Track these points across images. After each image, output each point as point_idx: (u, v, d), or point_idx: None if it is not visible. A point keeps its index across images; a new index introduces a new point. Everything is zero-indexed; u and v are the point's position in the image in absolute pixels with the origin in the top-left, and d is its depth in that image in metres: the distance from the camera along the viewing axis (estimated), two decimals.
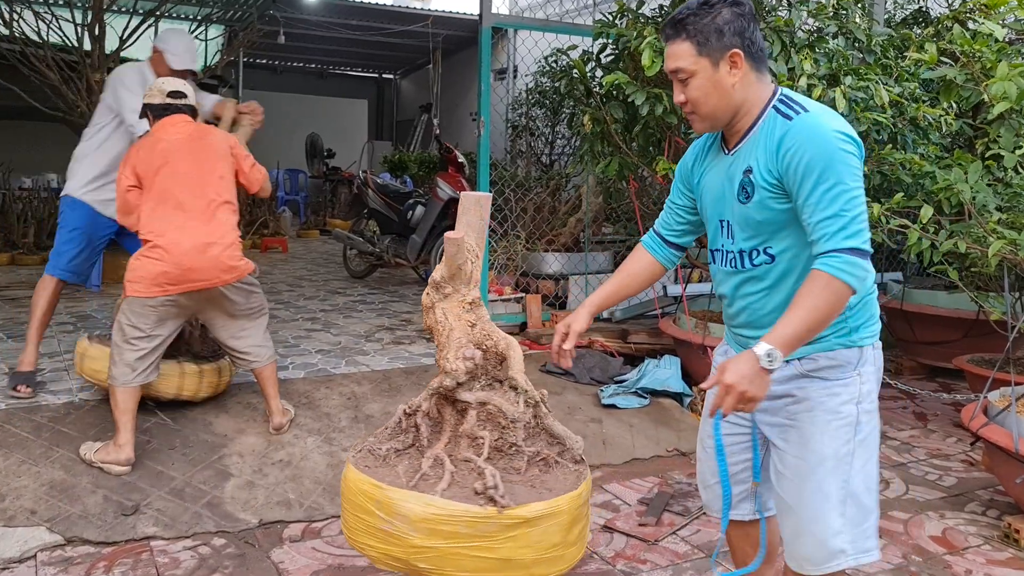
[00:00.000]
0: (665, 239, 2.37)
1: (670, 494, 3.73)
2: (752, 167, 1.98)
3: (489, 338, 2.27)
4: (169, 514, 3.33)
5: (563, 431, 2.20)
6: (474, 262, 2.30)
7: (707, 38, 1.96)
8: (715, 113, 2.02)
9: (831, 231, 1.82)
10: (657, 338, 5.41)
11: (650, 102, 3.98)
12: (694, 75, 1.99)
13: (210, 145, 3.78)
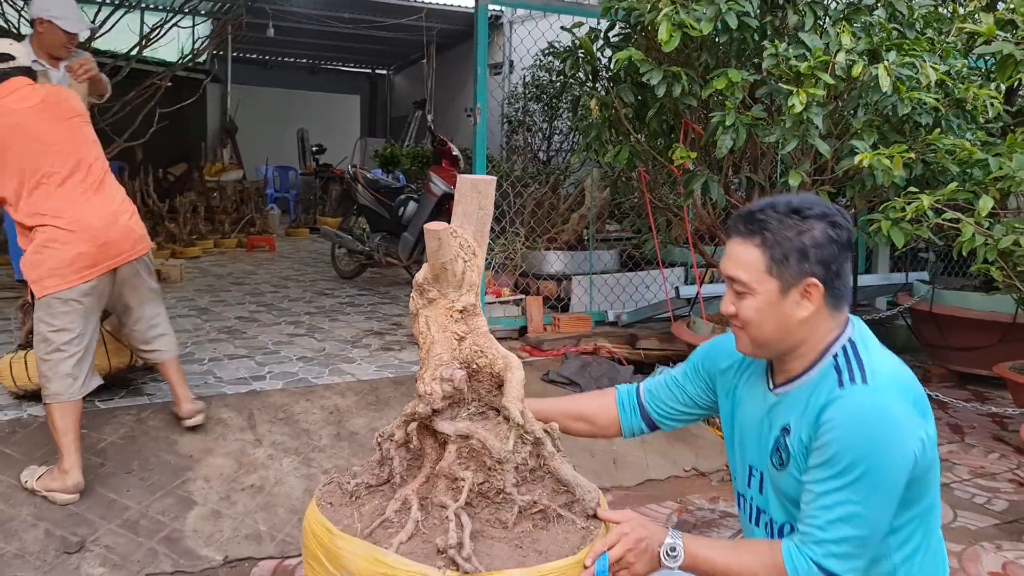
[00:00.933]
0: (645, 410, 1.98)
1: (692, 524, 3.31)
2: (791, 427, 1.63)
3: (482, 355, 1.84)
4: (120, 551, 2.90)
5: (573, 476, 1.76)
6: (468, 260, 1.86)
7: (786, 255, 1.58)
8: (767, 343, 1.65)
9: (820, 536, 1.53)
10: (669, 344, 4.98)
11: (667, 82, 3.55)
12: (753, 294, 1.60)
13: (71, 108, 3.35)
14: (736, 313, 1.65)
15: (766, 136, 3.45)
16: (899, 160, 3.22)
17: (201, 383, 4.19)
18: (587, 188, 5.90)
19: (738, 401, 1.81)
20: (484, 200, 1.85)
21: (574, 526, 1.70)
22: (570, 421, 2.01)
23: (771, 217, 1.59)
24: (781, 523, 1.70)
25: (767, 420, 1.71)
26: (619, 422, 2.00)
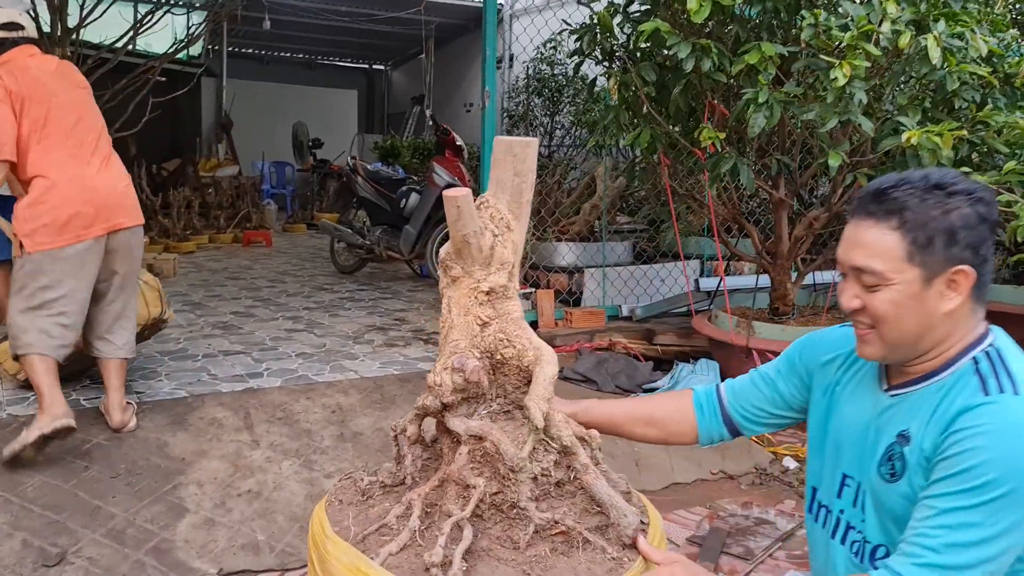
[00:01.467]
0: (727, 413, 1.72)
1: (726, 531, 3.06)
2: (911, 433, 1.37)
3: (509, 344, 1.58)
4: (104, 563, 2.64)
5: (609, 496, 1.48)
6: (499, 234, 1.61)
7: (930, 239, 1.32)
8: (902, 343, 1.38)
9: (929, 559, 1.25)
10: (687, 339, 4.74)
11: (695, 56, 3.30)
12: (890, 286, 1.34)
13: (80, 81, 3.43)
14: (864, 308, 1.38)
15: (803, 113, 3.21)
16: (949, 138, 2.97)
17: (195, 380, 3.94)
18: (599, 177, 5.65)
19: (837, 400, 1.55)
20: (520, 165, 1.60)
21: (603, 555, 1.42)
22: (638, 426, 1.75)
23: (909, 194, 1.33)
24: (876, 544, 1.44)
25: (875, 424, 1.45)
26: (696, 427, 1.74)
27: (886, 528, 1.41)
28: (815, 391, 1.61)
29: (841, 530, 1.51)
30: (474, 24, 14.11)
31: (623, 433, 1.76)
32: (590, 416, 1.72)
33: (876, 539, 1.43)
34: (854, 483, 1.48)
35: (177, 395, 3.70)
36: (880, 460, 1.41)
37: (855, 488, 1.48)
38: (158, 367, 4.08)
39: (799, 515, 3.25)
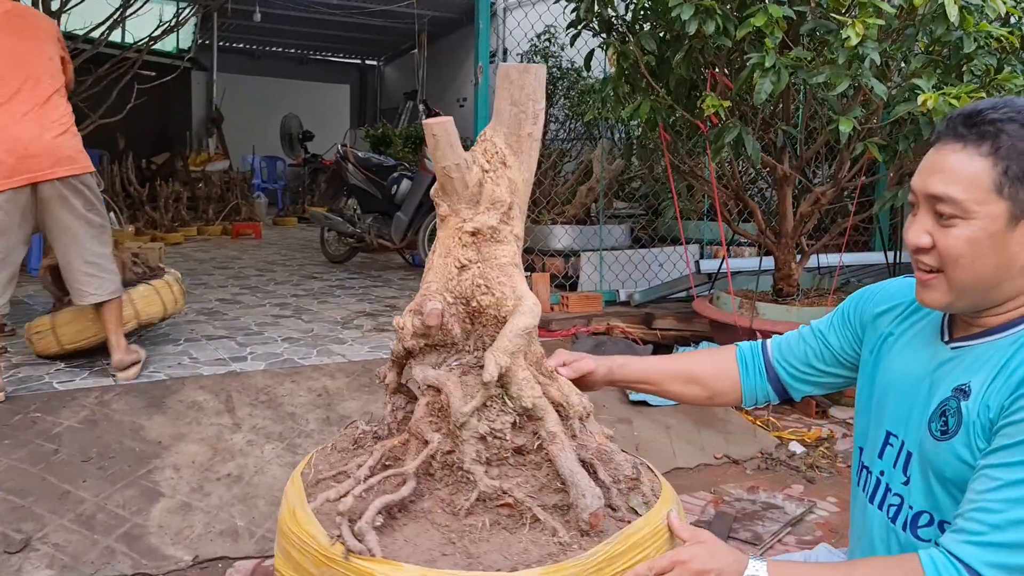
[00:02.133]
0: (773, 370, 1.56)
1: (732, 515, 2.90)
2: (970, 389, 1.19)
3: (487, 291, 1.40)
4: (71, 550, 2.47)
5: (572, 473, 1.27)
6: (492, 170, 1.45)
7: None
8: (972, 289, 1.19)
9: (991, 538, 1.09)
10: (686, 323, 4.58)
11: (699, 18, 3.14)
12: (968, 219, 1.15)
13: (34, 24, 3.39)
14: (933, 246, 1.19)
15: (812, 77, 3.05)
16: (967, 101, 2.82)
17: (175, 364, 3.77)
18: (595, 159, 5.49)
19: (887, 352, 1.38)
20: (518, 93, 1.43)
21: (549, 537, 1.23)
22: (677, 384, 1.58)
23: (1009, 118, 1.14)
24: (919, 510, 1.26)
25: (930, 378, 1.27)
26: (740, 385, 1.57)
27: (932, 493, 1.24)
28: (866, 346, 1.44)
29: (880, 493, 1.34)
30: (467, 18, 13.94)
31: (661, 391, 1.60)
32: (625, 372, 1.57)
33: (920, 505, 1.26)
34: (897, 442, 1.31)
35: (155, 378, 3.53)
36: (932, 415, 1.24)
37: (898, 447, 1.31)
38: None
39: (808, 500, 3.10)
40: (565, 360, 1.52)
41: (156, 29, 7.43)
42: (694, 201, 5.49)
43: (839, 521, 2.95)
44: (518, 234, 1.47)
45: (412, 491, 1.28)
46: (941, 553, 1.11)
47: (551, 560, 1.18)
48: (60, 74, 3.40)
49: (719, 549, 1.21)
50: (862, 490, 1.40)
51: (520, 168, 1.46)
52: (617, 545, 1.20)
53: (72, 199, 3.32)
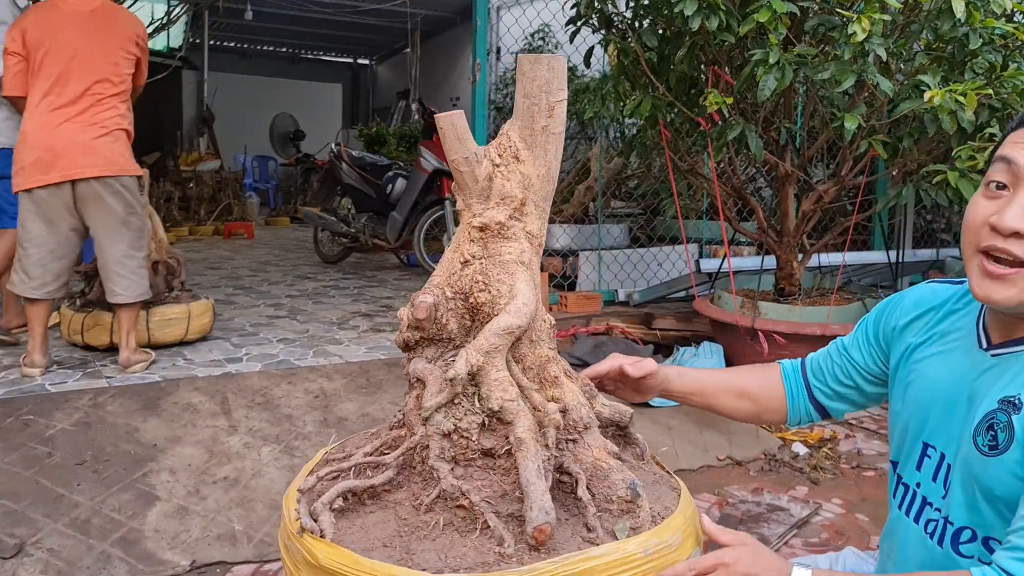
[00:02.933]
0: (810, 389, 1.53)
1: (737, 518, 2.87)
2: (1021, 400, 1.12)
3: (485, 288, 1.36)
4: (66, 555, 2.41)
5: (527, 486, 1.19)
6: (503, 164, 1.41)
7: None
8: None
9: None
10: (687, 323, 4.54)
11: (702, 14, 3.11)
12: None
13: (114, 24, 3.50)
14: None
15: (816, 74, 3.02)
16: (973, 98, 2.80)
17: (169, 365, 3.71)
18: (593, 158, 5.45)
19: (920, 362, 1.33)
20: (529, 85, 1.38)
21: (495, 546, 1.17)
22: (729, 398, 1.55)
23: None
24: (960, 526, 1.21)
25: (971, 388, 1.21)
26: (786, 403, 1.55)
27: (976, 508, 1.18)
28: (892, 359, 1.40)
29: (916, 506, 1.29)
30: (460, 17, 13.91)
31: (713, 404, 1.56)
32: (682, 381, 1.54)
33: (961, 520, 1.20)
34: (936, 454, 1.26)
35: (149, 379, 3.47)
36: (977, 429, 1.17)
37: (937, 460, 1.26)
38: None
39: (813, 501, 3.06)
40: (623, 362, 1.49)
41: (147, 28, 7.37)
42: (694, 200, 5.46)
43: (845, 523, 2.91)
44: (532, 231, 1.42)
45: (388, 480, 1.29)
46: (993, 570, 1.05)
47: (481, 569, 1.13)
48: (126, 78, 3.54)
49: (763, 553, 1.16)
50: (898, 505, 1.34)
51: (535, 163, 1.41)
52: (563, 567, 1.12)
53: (109, 199, 3.46)
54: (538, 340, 1.40)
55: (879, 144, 3.21)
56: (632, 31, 3.78)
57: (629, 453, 1.44)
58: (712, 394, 1.54)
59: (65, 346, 3.95)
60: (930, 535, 1.26)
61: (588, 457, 1.30)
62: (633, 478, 1.27)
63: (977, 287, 1.17)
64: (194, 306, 4.01)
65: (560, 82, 1.38)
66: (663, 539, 1.20)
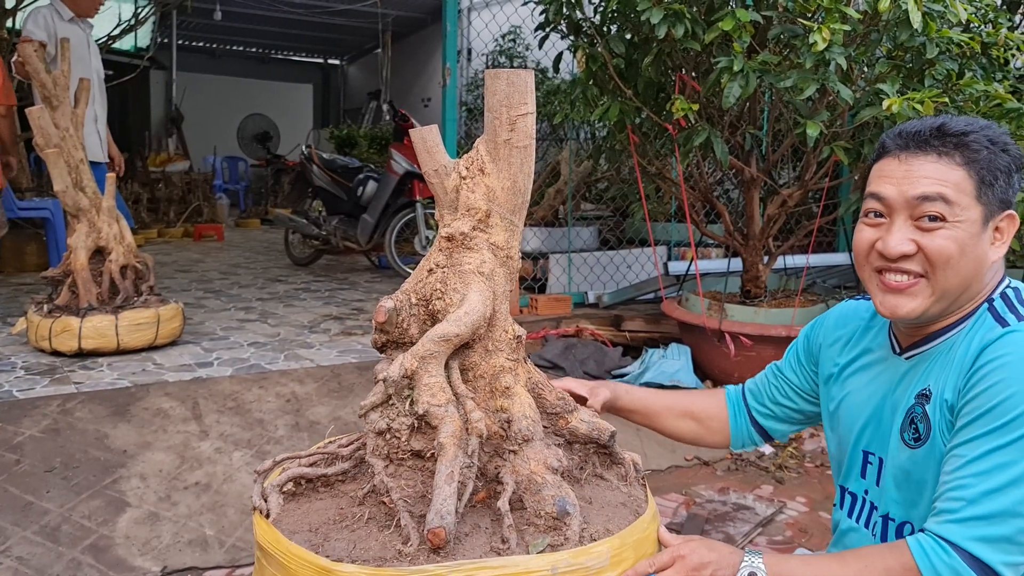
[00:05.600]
0: (750, 411, 1.61)
1: (704, 517, 2.92)
2: (931, 390, 1.23)
3: (441, 296, 1.41)
4: (35, 563, 2.41)
5: (438, 492, 1.21)
6: (469, 177, 1.45)
7: (995, 178, 1.21)
8: (952, 290, 1.23)
9: (968, 513, 1.11)
10: (655, 325, 4.60)
11: (668, 22, 3.16)
12: (955, 223, 1.20)
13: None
14: (918, 251, 1.22)
15: (779, 81, 3.08)
16: (930, 106, 2.87)
17: (139, 370, 3.69)
18: (563, 162, 5.50)
19: (849, 379, 1.43)
20: (492, 99, 1.41)
21: (396, 541, 1.22)
22: (672, 417, 1.62)
23: (975, 132, 1.22)
24: (901, 521, 1.30)
25: (895, 392, 1.32)
26: (729, 427, 1.62)
27: (912, 502, 1.27)
28: (820, 377, 1.50)
29: (865, 513, 1.38)
30: (431, 18, 13.89)
31: (657, 423, 1.63)
32: (631, 398, 1.61)
33: (901, 516, 1.30)
34: (876, 459, 1.35)
35: (119, 385, 3.46)
36: (902, 426, 1.27)
37: (878, 464, 1.35)
38: (98, 356, 3.84)
39: (778, 500, 3.13)
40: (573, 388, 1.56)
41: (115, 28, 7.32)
42: (662, 203, 5.52)
43: (808, 521, 2.98)
44: (496, 243, 1.45)
45: (342, 472, 1.39)
46: (927, 536, 1.14)
47: (376, 564, 1.18)
48: None
49: (715, 545, 1.23)
50: (847, 515, 1.42)
51: (499, 176, 1.44)
52: (454, 571, 1.15)
53: None
54: (495, 350, 1.43)
55: (841, 150, 3.28)
56: (600, 37, 3.82)
57: (613, 473, 1.45)
58: (655, 413, 1.61)
59: (32, 352, 3.92)
60: (871, 529, 1.35)
61: (525, 470, 1.31)
62: (564, 496, 1.27)
63: (881, 304, 1.28)
64: (163, 310, 3.99)
65: (521, 96, 1.39)
66: (580, 561, 1.20)
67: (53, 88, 3.90)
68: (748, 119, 3.87)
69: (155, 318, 3.93)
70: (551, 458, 1.33)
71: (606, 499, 1.38)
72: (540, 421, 1.38)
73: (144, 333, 3.91)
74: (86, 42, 4.82)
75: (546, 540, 1.24)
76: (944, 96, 2.92)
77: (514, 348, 1.45)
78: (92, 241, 3.91)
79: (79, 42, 4.64)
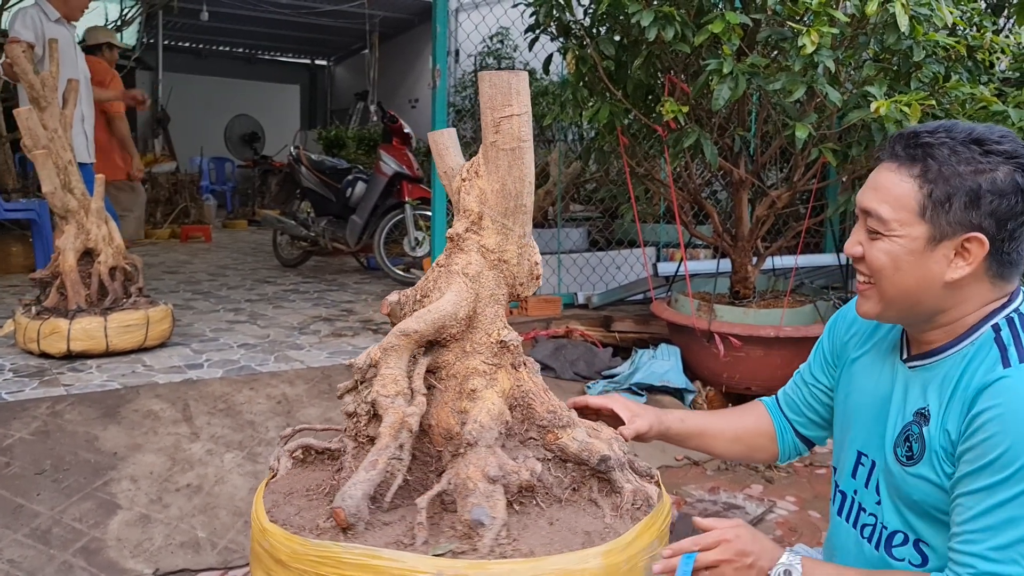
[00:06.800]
0: (792, 423, 1.61)
1: (695, 516, 2.93)
2: (929, 412, 1.23)
3: (429, 294, 1.48)
4: (27, 566, 2.40)
5: (354, 476, 1.29)
6: (468, 179, 1.48)
7: (948, 196, 1.18)
8: (896, 301, 1.25)
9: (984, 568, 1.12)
10: (645, 325, 4.62)
11: (658, 24, 3.18)
12: (890, 237, 1.21)
13: None
14: (863, 256, 1.26)
15: (768, 84, 3.10)
16: (917, 108, 2.90)
17: (128, 372, 3.68)
18: (552, 163, 5.51)
19: (856, 374, 1.43)
20: (481, 103, 1.42)
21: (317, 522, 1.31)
22: (727, 442, 1.62)
23: (943, 142, 1.19)
24: (893, 530, 1.31)
25: (893, 398, 1.32)
26: (776, 442, 1.62)
27: (903, 515, 1.29)
28: (840, 373, 1.50)
29: (854, 512, 1.39)
30: (419, 19, 13.88)
31: (710, 446, 1.63)
32: (684, 426, 1.60)
33: (893, 525, 1.31)
34: (868, 461, 1.36)
35: (109, 387, 3.45)
36: (896, 440, 1.28)
37: (869, 467, 1.36)
38: (88, 358, 3.82)
39: (768, 499, 3.15)
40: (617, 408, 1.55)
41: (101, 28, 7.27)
42: (651, 204, 5.54)
43: (798, 520, 3.00)
44: (487, 245, 1.46)
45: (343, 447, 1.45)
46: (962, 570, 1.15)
47: (293, 530, 1.28)
48: None
49: (759, 535, 1.26)
50: (838, 511, 1.44)
51: (489, 178, 1.44)
52: (345, 552, 1.20)
53: None
54: (472, 352, 1.44)
55: (829, 152, 3.31)
56: (590, 39, 3.84)
57: (608, 501, 1.41)
58: (711, 439, 1.61)
59: (21, 354, 3.90)
60: (867, 539, 1.35)
61: (463, 473, 1.32)
62: (483, 507, 1.26)
63: (855, 303, 1.33)
64: (152, 312, 3.98)
65: (505, 97, 1.37)
66: (470, 574, 1.19)
67: (41, 89, 3.88)
68: (737, 121, 3.89)
69: (144, 320, 3.92)
70: (491, 467, 1.32)
71: (574, 524, 1.34)
72: (495, 428, 1.36)
73: (133, 335, 3.89)
74: (72, 43, 4.81)
75: (449, 546, 1.24)
76: (931, 99, 2.95)
77: (495, 353, 1.44)
78: (81, 242, 3.89)
79: (66, 43, 4.63)
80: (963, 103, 3.19)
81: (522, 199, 1.44)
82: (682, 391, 3.94)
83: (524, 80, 1.39)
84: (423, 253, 6.08)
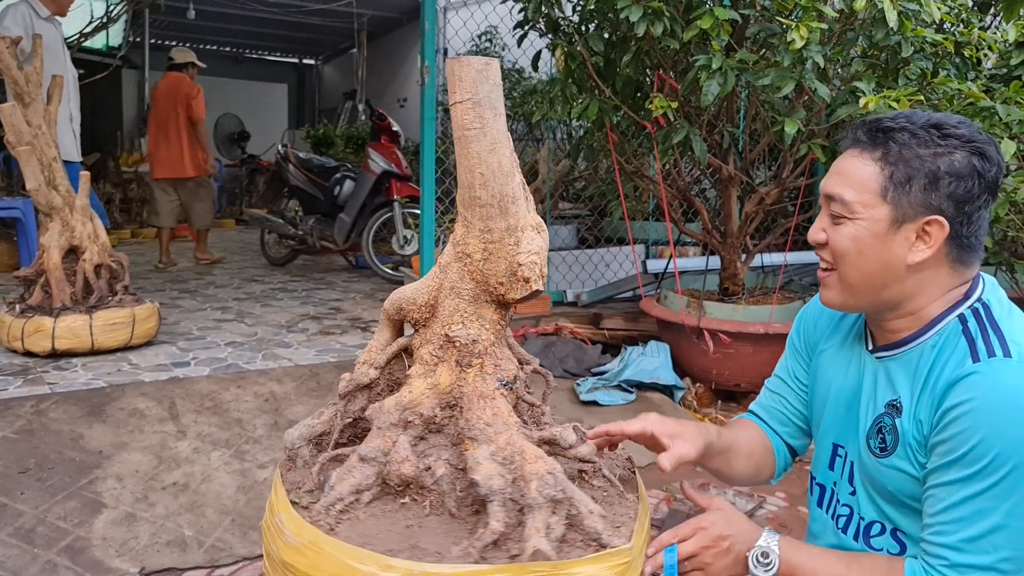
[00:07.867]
0: (778, 433, 1.58)
1: (685, 513, 2.93)
2: (902, 403, 1.24)
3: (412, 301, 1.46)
4: (10, 565, 2.37)
5: None
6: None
7: (909, 178, 1.20)
8: (860, 288, 1.26)
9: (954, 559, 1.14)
10: (634, 323, 4.62)
11: (647, 20, 3.17)
12: (854, 220, 1.23)
13: None
14: (827, 242, 1.27)
15: (757, 80, 3.10)
16: (905, 104, 2.90)
17: (114, 370, 3.65)
18: (541, 160, 5.50)
19: (824, 367, 1.44)
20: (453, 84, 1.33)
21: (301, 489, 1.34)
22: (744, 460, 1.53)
23: (903, 127, 1.22)
24: (870, 521, 1.32)
25: (863, 389, 1.33)
26: (774, 453, 1.57)
27: (878, 505, 1.30)
28: (812, 363, 1.50)
29: (832, 504, 1.40)
30: (407, 18, 13.86)
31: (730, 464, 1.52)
32: (722, 440, 1.48)
33: (870, 516, 1.32)
34: (843, 452, 1.37)
35: (94, 385, 3.42)
36: (869, 431, 1.29)
37: (844, 458, 1.37)
38: (72, 356, 3.79)
39: (757, 495, 3.15)
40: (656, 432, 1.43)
41: (86, 26, 7.23)
42: (640, 201, 5.54)
43: (787, 515, 3.00)
44: (456, 237, 1.39)
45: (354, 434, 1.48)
46: (921, 568, 1.18)
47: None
48: None
49: (736, 517, 1.28)
50: (817, 503, 1.45)
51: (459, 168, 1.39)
52: None
53: None
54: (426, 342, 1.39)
55: (818, 148, 3.31)
56: (579, 35, 3.83)
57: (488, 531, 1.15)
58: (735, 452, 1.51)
59: (4, 352, 3.86)
60: (843, 530, 1.36)
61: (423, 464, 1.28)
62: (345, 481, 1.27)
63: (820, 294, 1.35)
64: (139, 310, 3.95)
65: (453, 84, 1.28)
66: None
67: (25, 85, 3.84)
68: (726, 117, 3.89)
69: (130, 318, 3.89)
70: (370, 449, 1.29)
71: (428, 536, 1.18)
72: (395, 414, 1.32)
73: (119, 333, 3.86)
74: (60, 40, 4.77)
75: None
76: (919, 95, 2.95)
77: (441, 346, 1.37)
78: (65, 240, 3.86)
79: (54, 40, 4.59)
80: (951, 99, 3.19)
81: (474, 191, 1.32)
82: (672, 388, 3.94)
83: (468, 66, 1.27)
84: (411, 251, 6.06)
